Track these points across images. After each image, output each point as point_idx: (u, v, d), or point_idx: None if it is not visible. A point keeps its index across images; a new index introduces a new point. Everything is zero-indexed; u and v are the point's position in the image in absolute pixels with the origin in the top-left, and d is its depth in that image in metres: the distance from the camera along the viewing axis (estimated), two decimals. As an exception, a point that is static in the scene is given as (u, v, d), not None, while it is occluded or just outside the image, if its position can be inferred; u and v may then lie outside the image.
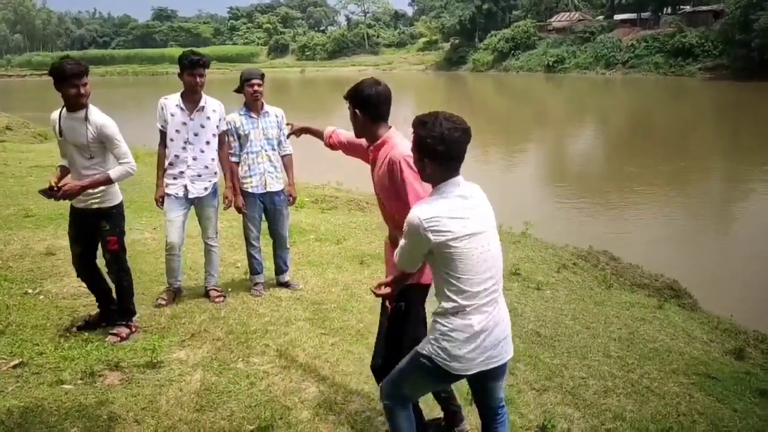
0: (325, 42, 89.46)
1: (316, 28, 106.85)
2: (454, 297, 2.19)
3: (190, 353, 3.75)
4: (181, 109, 4.32)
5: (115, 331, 3.89)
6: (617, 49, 50.77)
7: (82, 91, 3.52)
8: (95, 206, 3.75)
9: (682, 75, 44.46)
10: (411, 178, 2.44)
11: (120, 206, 3.87)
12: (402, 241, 2.26)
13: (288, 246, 5.02)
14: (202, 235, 4.63)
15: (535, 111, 33.09)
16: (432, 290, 2.49)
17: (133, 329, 3.99)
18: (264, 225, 4.93)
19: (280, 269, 5.05)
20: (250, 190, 4.70)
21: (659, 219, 11.25)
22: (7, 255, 5.48)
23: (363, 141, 2.77)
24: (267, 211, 4.83)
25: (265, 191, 4.73)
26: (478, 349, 2.21)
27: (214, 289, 4.72)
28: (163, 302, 4.47)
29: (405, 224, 2.20)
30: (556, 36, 58.42)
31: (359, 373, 3.58)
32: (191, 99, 4.34)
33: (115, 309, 4.00)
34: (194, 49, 4.41)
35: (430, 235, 2.13)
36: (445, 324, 2.21)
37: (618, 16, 57.88)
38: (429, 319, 2.40)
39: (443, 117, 2.19)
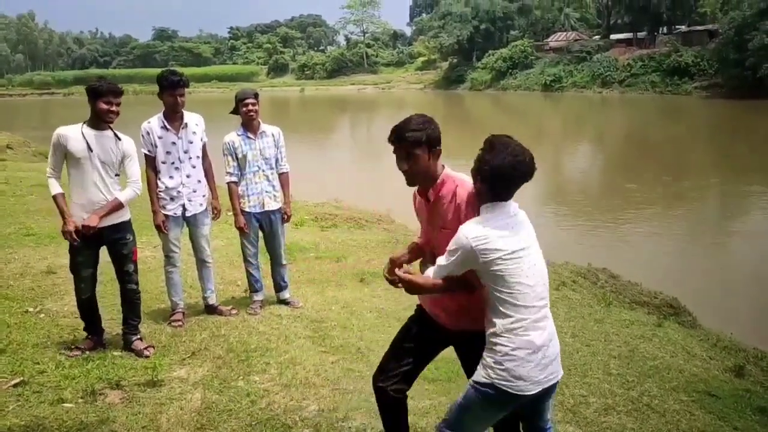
0: (325, 61, 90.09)
1: (315, 48, 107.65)
2: (511, 313, 2.17)
3: (190, 371, 3.75)
4: (167, 129, 4.35)
5: (147, 345, 4.00)
6: (614, 69, 51.16)
7: (116, 109, 3.69)
8: (120, 220, 3.85)
9: (678, 94, 44.76)
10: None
11: None
12: (443, 259, 2.25)
13: (284, 262, 5.04)
14: (198, 253, 4.63)
15: (533, 129, 33.27)
16: None
17: None
18: (262, 242, 4.97)
19: (279, 286, 5.08)
20: (247, 209, 4.74)
21: (658, 236, 11.28)
22: (7, 273, 5.49)
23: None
24: (263, 229, 4.87)
25: (262, 210, 4.78)
26: (540, 365, 2.19)
27: (222, 305, 4.83)
28: (180, 325, 4.47)
29: (452, 242, 2.21)
30: (553, 55, 58.87)
31: (360, 391, 3.59)
32: (174, 118, 4.36)
33: (102, 332, 4.07)
34: (172, 68, 4.43)
35: (478, 255, 2.14)
36: (507, 344, 2.17)
37: (614, 36, 58.43)
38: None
39: (513, 146, 2.21)
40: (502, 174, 2.18)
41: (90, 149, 3.65)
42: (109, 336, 4.15)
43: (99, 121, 3.68)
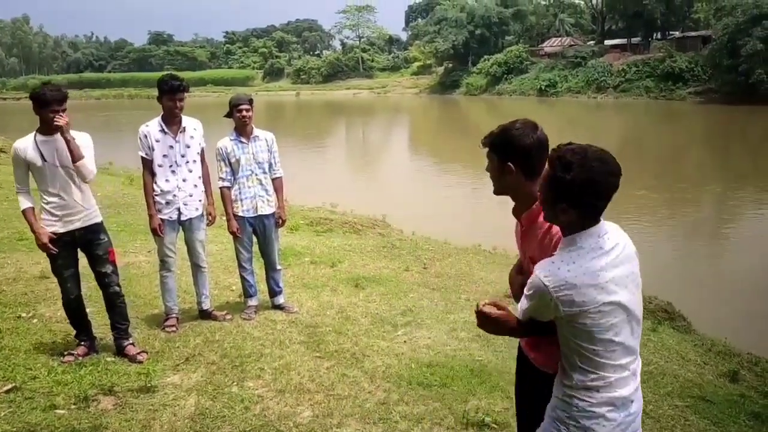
0: (320, 66, 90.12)
1: (311, 52, 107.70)
2: (592, 369, 1.79)
3: (184, 377, 3.74)
4: (165, 133, 4.37)
5: (140, 350, 3.97)
6: (608, 74, 51.40)
7: (63, 115, 3.61)
8: (91, 222, 3.82)
9: (673, 99, 45.02)
10: None
11: None
12: (524, 301, 1.86)
13: (278, 267, 5.04)
14: (193, 258, 4.64)
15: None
16: None
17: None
18: (256, 247, 4.97)
19: (273, 291, 5.07)
20: (240, 214, 4.75)
21: (652, 242, 11.30)
22: (0, 278, 5.46)
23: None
24: (257, 233, 4.87)
25: (256, 215, 4.78)
26: (623, 424, 1.81)
27: (217, 311, 4.82)
28: (174, 330, 4.46)
29: (529, 285, 1.81)
30: (548, 61, 59.10)
31: (354, 397, 3.58)
32: (173, 122, 4.39)
33: (94, 338, 4.04)
34: (173, 72, 4.46)
35: (559, 305, 1.73)
36: (586, 398, 1.80)
37: (608, 42, 58.73)
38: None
39: (593, 157, 1.73)
40: (596, 189, 1.73)
41: (44, 159, 3.64)
42: (102, 342, 4.13)
43: (48, 128, 3.63)
